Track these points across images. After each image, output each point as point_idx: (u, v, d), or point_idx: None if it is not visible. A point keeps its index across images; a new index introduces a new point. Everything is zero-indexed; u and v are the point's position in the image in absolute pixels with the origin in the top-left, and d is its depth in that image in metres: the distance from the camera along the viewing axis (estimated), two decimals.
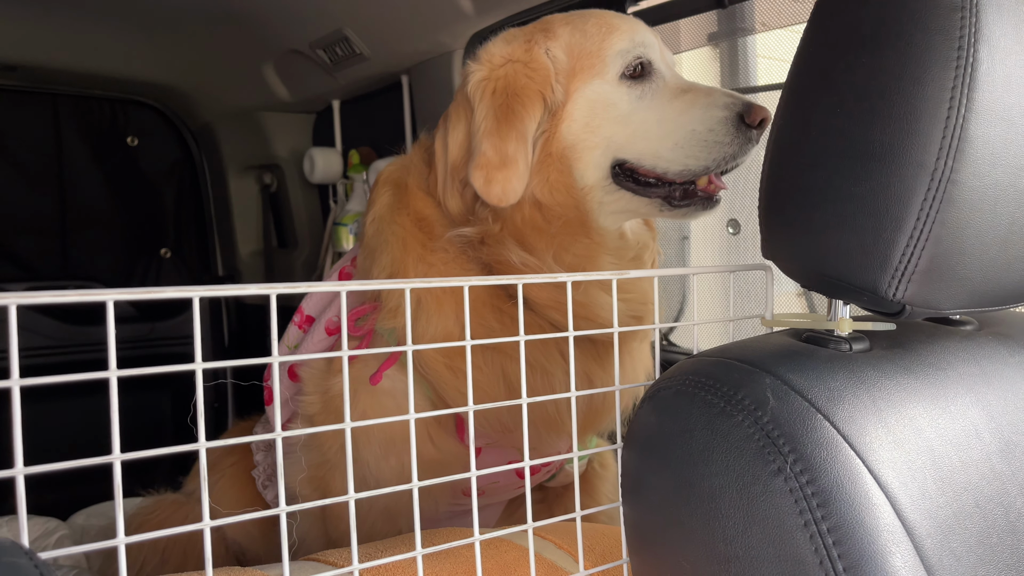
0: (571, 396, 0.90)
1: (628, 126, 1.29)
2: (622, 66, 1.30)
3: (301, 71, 2.67)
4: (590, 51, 1.31)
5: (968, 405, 0.76)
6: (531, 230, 1.27)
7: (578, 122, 1.29)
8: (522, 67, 1.30)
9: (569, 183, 1.28)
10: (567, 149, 1.29)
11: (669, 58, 1.38)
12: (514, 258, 1.26)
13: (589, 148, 1.29)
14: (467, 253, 1.29)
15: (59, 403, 2.82)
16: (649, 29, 1.37)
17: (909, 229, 0.69)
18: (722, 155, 1.25)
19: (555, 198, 1.28)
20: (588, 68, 1.31)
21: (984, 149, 0.68)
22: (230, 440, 0.76)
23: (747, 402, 0.71)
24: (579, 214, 1.29)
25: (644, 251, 1.40)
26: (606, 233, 1.32)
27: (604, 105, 1.30)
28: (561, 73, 1.30)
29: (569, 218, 1.28)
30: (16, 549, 0.53)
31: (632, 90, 1.30)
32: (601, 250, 1.30)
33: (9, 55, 2.70)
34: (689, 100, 1.28)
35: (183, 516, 1.74)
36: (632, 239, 1.39)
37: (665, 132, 1.28)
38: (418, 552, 0.79)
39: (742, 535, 0.68)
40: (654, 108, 1.30)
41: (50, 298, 0.60)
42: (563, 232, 1.27)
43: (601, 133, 1.29)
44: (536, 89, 1.28)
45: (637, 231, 1.41)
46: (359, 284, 0.77)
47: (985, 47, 0.66)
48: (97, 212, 3.23)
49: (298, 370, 1.47)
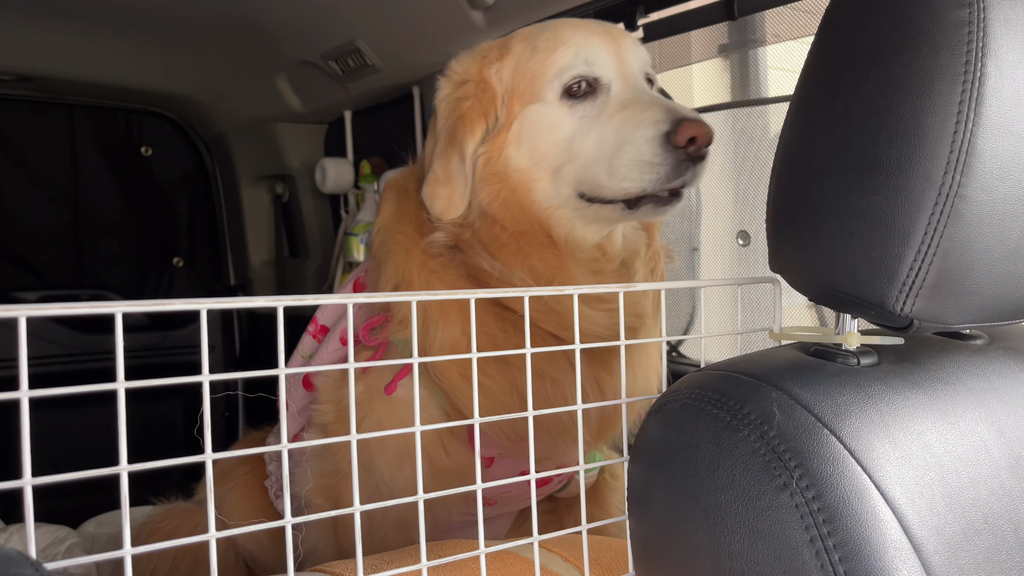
0: (578, 408, 0.90)
1: (569, 150, 1.26)
2: (561, 86, 1.27)
3: (313, 82, 2.68)
4: (534, 70, 1.29)
5: (977, 420, 0.75)
6: (491, 240, 1.27)
7: (525, 145, 1.28)
8: (472, 87, 1.31)
9: (526, 203, 1.27)
10: (519, 172, 1.28)
11: (636, 66, 1.31)
12: (484, 264, 1.26)
13: (543, 172, 1.27)
14: (455, 259, 1.30)
15: (74, 411, 2.84)
16: (609, 36, 1.31)
17: (917, 243, 0.69)
18: (656, 176, 1.19)
19: (509, 213, 1.28)
20: (529, 89, 1.29)
21: (992, 163, 0.68)
22: (237, 452, 0.76)
23: (753, 416, 0.71)
24: (540, 228, 1.28)
25: (634, 258, 1.36)
26: (575, 243, 1.29)
27: (547, 128, 1.27)
28: (507, 94, 1.30)
29: (527, 231, 1.27)
30: (23, 560, 0.53)
31: (574, 111, 1.27)
32: (569, 260, 1.28)
33: (25, 66, 2.73)
34: (624, 118, 1.23)
35: (193, 525, 1.75)
36: (619, 245, 1.35)
37: (602, 154, 1.23)
38: (423, 565, 0.79)
39: (748, 550, 0.68)
40: (593, 129, 1.25)
41: (59, 310, 0.61)
42: (524, 244, 1.27)
43: (549, 159, 1.27)
44: (480, 112, 1.30)
45: (630, 236, 1.37)
46: (365, 297, 0.77)
47: (993, 61, 0.66)
48: (111, 222, 3.26)
49: (313, 379, 1.48)
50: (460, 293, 0.80)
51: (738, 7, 1.66)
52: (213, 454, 0.67)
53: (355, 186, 2.96)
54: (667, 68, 2.02)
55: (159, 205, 3.38)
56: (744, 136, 1.88)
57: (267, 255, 3.44)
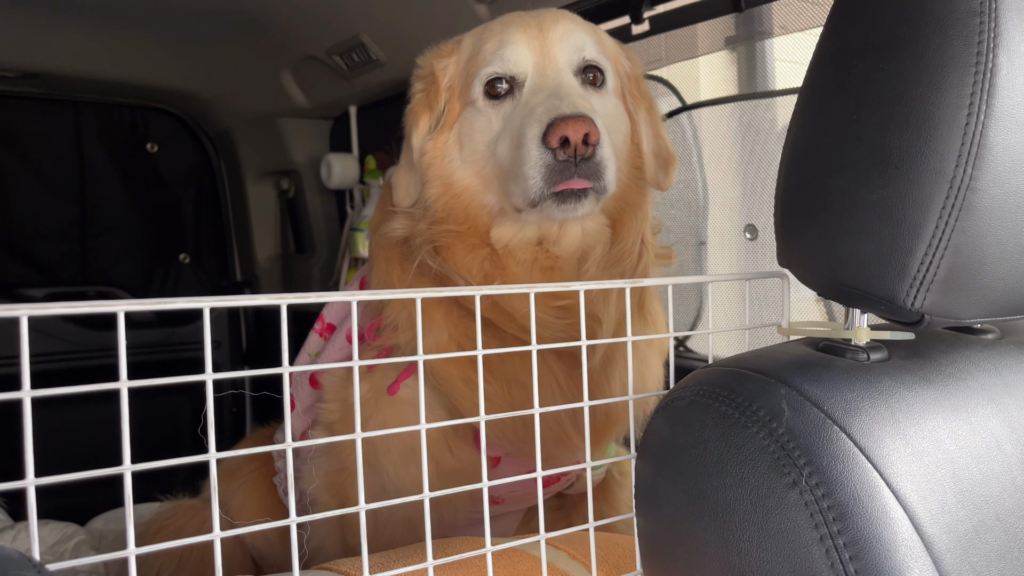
0: (584, 405, 0.89)
1: (495, 154, 1.23)
2: (481, 86, 1.24)
3: (318, 77, 2.68)
4: (469, 70, 1.27)
5: (989, 416, 0.74)
6: (436, 237, 1.26)
7: (466, 148, 1.27)
8: (429, 83, 1.32)
9: (470, 209, 1.26)
10: (463, 179, 1.26)
11: (564, 56, 1.23)
12: (429, 261, 1.26)
13: (484, 178, 1.25)
14: (424, 264, 1.28)
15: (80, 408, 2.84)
16: (535, 28, 1.24)
17: (927, 237, 0.68)
18: (535, 186, 1.13)
19: (453, 216, 1.26)
20: (466, 89, 1.27)
21: (1004, 156, 0.67)
22: (240, 451, 0.76)
23: (762, 413, 0.70)
24: (482, 230, 1.26)
25: (589, 253, 1.28)
26: (514, 245, 1.26)
27: (479, 131, 1.25)
28: (451, 91, 1.30)
29: (465, 232, 1.26)
30: (24, 562, 0.53)
31: (497, 112, 1.23)
32: (509, 260, 1.26)
33: (31, 62, 2.73)
34: (522, 117, 1.18)
35: (200, 522, 1.75)
36: (573, 243, 1.27)
37: (508, 156, 1.20)
38: (429, 563, 0.79)
39: (757, 548, 0.67)
40: (506, 130, 1.21)
41: (60, 309, 0.60)
42: (465, 244, 1.25)
43: (486, 162, 1.24)
44: (426, 104, 1.31)
45: (591, 232, 1.28)
46: (370, 294, 0.77)
47: (1005, 52, 0.65)
48: (117, 218, 3.27)
49: (319, 378, 1.48)
50: (409, 292, 0.79)
51: None
52: (217, 453, 0.67)
53: (360, 181, 2.96)
54: (673, 61, 2.00)
55: (165, 201, 3.38)
56: (752, 129, 1.87)
57: (273, 251, 3.45)
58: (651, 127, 1.35)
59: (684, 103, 1.98)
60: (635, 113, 1.33)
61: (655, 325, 1.39)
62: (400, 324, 1.27)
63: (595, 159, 1.14)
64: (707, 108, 1.95)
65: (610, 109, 1.28)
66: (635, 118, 1.33)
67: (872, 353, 0.77)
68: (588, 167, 1.13)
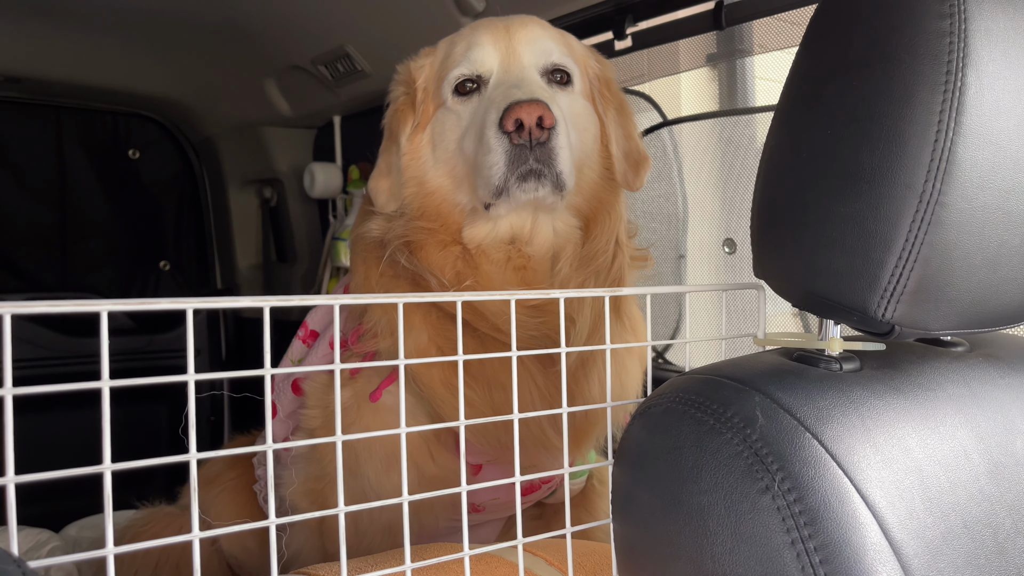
0: (563, 412, 0.90)
1: (463, 151, 1.25)
2: (451, 87, 1.27)
3: (302, 86, 2.68)
4: (440, 73, 1.30)
5: (957, 426, 0.76)
6: (411, 236, 1.27)
7: (438, 148, 1.29)
8: (409, 85, 1.34)
9: (442, 209, 1.28)
10: (436, 179, 1.28)
11: (529, 56, 1.25)
12: (403, 261, 1.27)
13: (456, 178, 1.27)
14: (403, 267, 1.29)
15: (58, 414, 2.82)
16: (502, 30, 1.27)
17: (898, 250, 0.70)
18: (497, 173, 1.16)
19: (426, 215, 1.28)
20: (437, 91, 1.30)
21: (972, 172, 0.69)
22: (220, 452, 0.76)
23: (736, 420, 0.71)
24: (454, 229, 1.28)
25: (561, 252, 1.29)
26: (486, 242, 1.27)
27: (449, 130, 1.27)
28: (424, 93, 1.32)
29: (438, 231, 1.27)
30: (5, 557, 0.53)
31: (465, 109, 1.26)
32: (482, 259, 1.27)
33: (13, 67, 2.72)
34: (484, 108, 1.21)
35: (177, 529, 1.74)
36: (545, 242, 1.29)
37: (472, 149, 1.22)
38: (407, 567, 0.79)
39: (730, 553, 0.68)
40: (472, 125, 1.24)
41: (44, 308, 0.61)
42: (438, 243, 1.27)
43: (456, 161, 1.26)
44: (410, 104, 1.32)
45: (562, 232, 1.30)
46: (352, 298, 0.77)
47: (973, 72, 0.67)
48: (98, 224, 3.25)
49: (302, 384, 1.48)
50: (392, 297, 0.80)
51: (726, 17, 1.67)
52: (197, 453, 0.67)
53: (343, 191, 2.96)
54: (656, 77, 2.03)
55: (146, 208, 3.36)
56: (731, 145, 1.90)
57: (254, 259, 3.44)
58: (621, 128, 1.36)
59: (665, 118, 2.01)
60: (604, 114, 1.35)
61: (633, 328, 1.39)
62: (380, 330, 1.27)
63: (550, 144, 1.16)
64: (688, 123, 1.98)
65: (578, 109, 1.30)
66: (604, 119, 1.35)
67: (845, 363, 0.79)
68: (542, 152, 1.15)
